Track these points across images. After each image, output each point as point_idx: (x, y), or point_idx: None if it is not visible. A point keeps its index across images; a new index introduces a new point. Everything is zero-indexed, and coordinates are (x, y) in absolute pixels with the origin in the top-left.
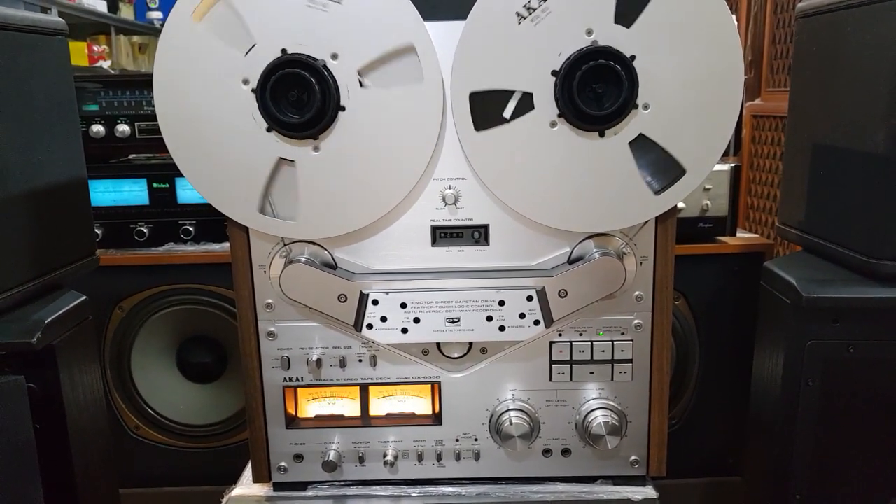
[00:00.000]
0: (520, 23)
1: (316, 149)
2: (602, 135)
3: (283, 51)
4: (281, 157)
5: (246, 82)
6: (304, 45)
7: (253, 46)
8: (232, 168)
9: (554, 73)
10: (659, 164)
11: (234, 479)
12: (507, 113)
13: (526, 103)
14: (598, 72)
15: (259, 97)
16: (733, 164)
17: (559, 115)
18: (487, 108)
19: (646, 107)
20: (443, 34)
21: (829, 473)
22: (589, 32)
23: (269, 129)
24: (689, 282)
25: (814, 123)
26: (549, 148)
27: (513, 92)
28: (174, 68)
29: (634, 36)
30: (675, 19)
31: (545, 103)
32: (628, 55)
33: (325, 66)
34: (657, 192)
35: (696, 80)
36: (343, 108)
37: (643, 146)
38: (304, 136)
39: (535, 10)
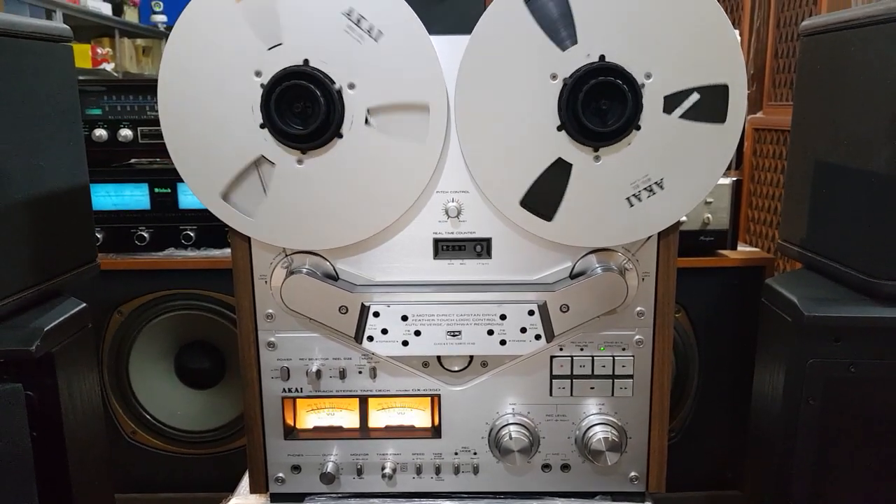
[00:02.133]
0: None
1: (300, 161)
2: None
3: (306, 61)
4: (263, 156)
5: (258, 74)
6: (326, 64)
7: (278, 45)
8: (224, 161)
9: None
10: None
11: (230, 486)
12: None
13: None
14: (604, 88)
15: (265, 93)
16: (735, 178)
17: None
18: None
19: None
20: (447, 48)
21: (829, 492)
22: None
23: (262, 126)
24: (690, 295)
25: (816, 141)
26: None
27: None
28: (188, 51)
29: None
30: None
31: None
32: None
33: (339, 92)
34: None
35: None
36: (340, 136)
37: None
38: (293, 146)
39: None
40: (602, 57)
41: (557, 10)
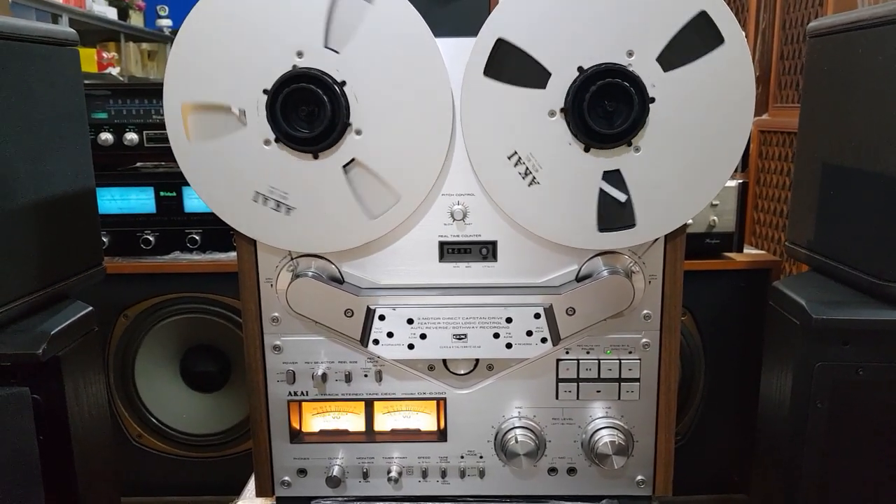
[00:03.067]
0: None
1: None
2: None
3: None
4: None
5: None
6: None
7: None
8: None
9: (580, 69)
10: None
11: (236, 489)
12: None
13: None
14: (616, 91)
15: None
16: (741, 181)
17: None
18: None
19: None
20: (452, 51)
21: (837, 495)
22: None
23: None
24: (696, 298)
25: (824, 143)
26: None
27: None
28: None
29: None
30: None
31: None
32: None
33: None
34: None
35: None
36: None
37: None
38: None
39: None
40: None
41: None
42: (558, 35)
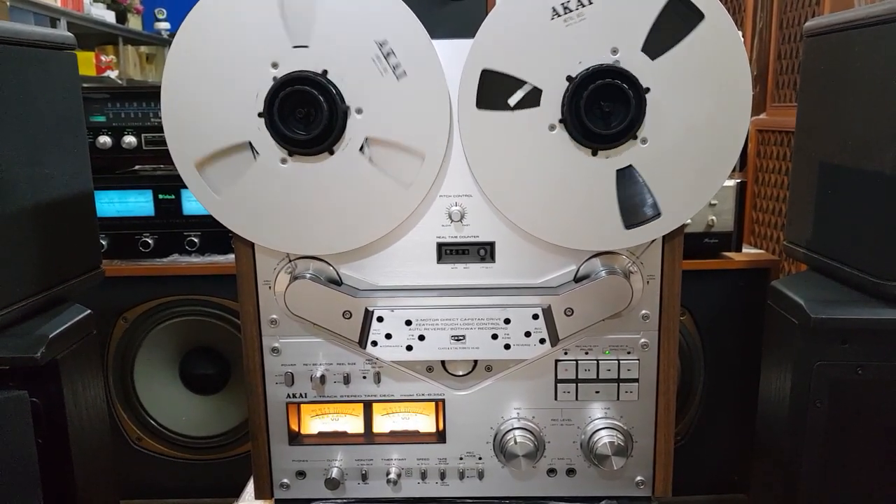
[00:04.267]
0: (552, 18)
1: (283, 161)
2: (594, 153)
3: (325, 71)
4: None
5: (275, 66)
6: (342, 81)
7: (304, 47)
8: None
9: (569, 78)
10: (638, 199)
11: (235, 492)
12: (513, 101)
13: (532, 99)
14: (610, 91)
15: (275, 87)
16: (739, 180)
17: (560, 121)
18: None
19: (644, 141)
20: (450, 53)
21: (837, 495)
22: (614, 51)
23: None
24: (695, 297)
25: (821, 142)
26: (541, 151)
27: (523, 83)
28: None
29: (656, 69)
30: (697, 65)
31: (550, 105)
32: (644, 86)
33: (346, 112)
34: (627, 227)
35: (700, 127)
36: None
37: (629, 177)
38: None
39: (571, 11)
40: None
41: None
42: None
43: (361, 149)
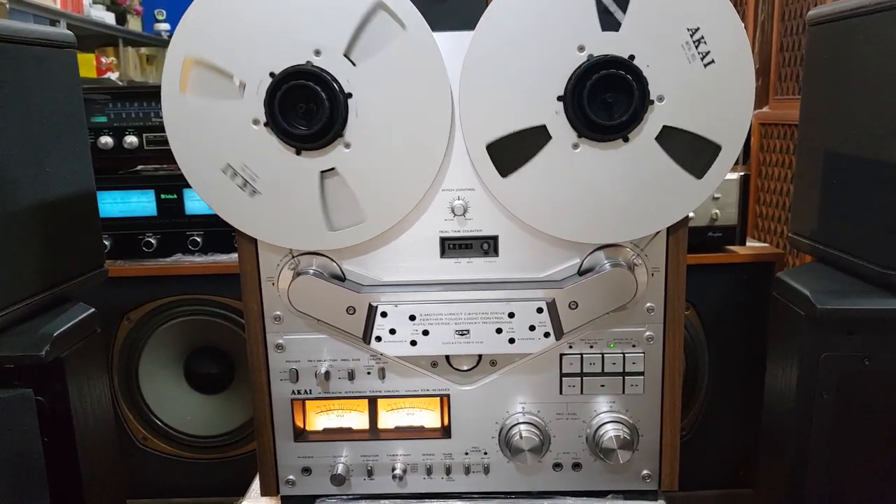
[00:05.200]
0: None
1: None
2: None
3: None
4: (321, 171)
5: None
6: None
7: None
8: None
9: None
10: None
11: (241, 491)
12: None
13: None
14: (603, 84)
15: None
16: (742, 173)
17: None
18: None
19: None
20: (451, 44)
21: (844, 487)
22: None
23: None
24: (699, 291)
25: (826, 132)
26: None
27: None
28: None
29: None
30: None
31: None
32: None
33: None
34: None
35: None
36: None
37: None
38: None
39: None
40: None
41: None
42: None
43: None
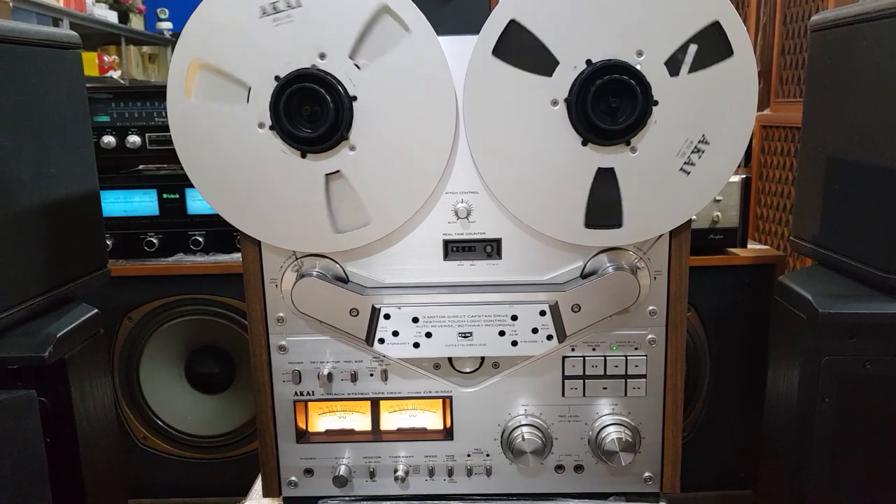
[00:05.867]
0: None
1: (352, 148)
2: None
3: (276, 77)
4: (326, 174)
5: (261, 125)
6: (290, 62)
7: (249, 89)
8: (283, 204)
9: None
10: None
11: (242, 490)
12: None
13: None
14: (607, 88)
15: (280, 131)
16: (744, 176)
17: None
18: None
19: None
20: (455, 49)
21: (845, 490)
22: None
23: (303, 155)
24: (700, 294)
25: (828, 137)
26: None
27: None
28: (195, 145)
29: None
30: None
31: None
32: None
33: (319, 69)
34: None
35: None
36: (355, 98)
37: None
38: (335, 143)
39: None
40: (589, 61)
41: (526, 49)
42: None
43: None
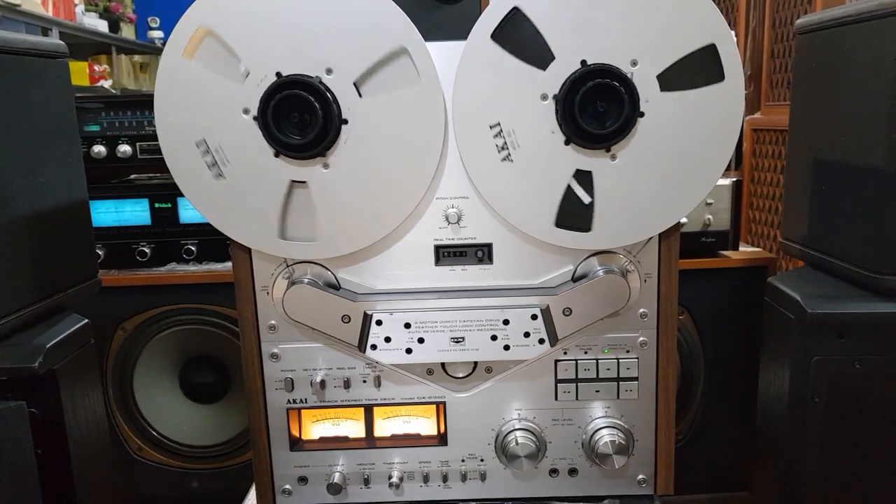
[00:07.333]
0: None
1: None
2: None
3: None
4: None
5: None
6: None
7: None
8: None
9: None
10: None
11: (237, 500)
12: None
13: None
14: (594, 93)
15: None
16: (735, 179)
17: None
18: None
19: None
20: (443, 54)
21: (837, 489)
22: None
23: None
24: (693, 296)
25: (815, 139)
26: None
27: None
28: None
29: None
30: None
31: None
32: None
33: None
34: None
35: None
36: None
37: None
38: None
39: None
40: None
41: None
42: (573, 22)
43: (360, 94)
